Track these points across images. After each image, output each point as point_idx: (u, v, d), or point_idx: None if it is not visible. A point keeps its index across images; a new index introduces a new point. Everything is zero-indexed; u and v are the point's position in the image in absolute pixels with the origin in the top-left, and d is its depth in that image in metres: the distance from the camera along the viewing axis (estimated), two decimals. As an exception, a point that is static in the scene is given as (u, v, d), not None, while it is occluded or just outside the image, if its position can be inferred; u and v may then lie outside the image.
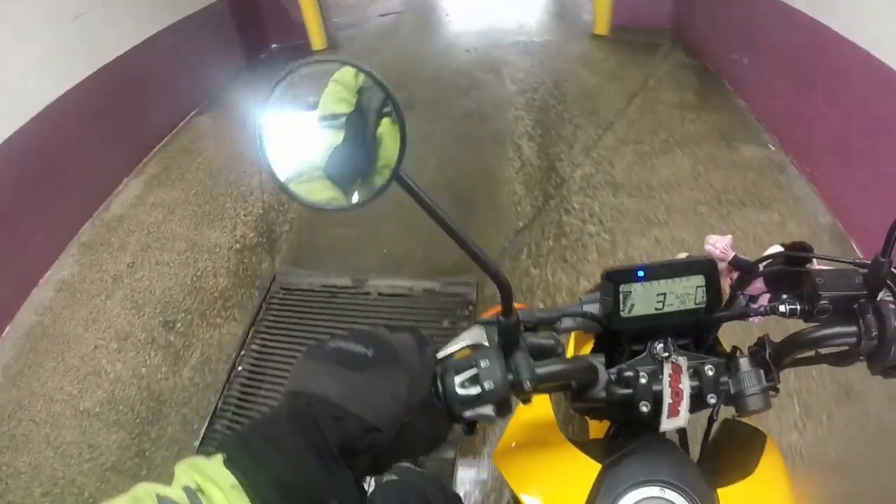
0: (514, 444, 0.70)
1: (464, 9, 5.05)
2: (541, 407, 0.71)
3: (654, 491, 0.56)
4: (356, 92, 0.50)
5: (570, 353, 0.78)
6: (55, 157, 2.75)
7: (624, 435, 0.67)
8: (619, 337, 0.63)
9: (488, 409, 0.50)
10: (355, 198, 0.49)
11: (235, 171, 3.20)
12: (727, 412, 0.62)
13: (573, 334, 0.77)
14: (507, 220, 2.47)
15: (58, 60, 2.77)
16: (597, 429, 0.82)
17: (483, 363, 0.50)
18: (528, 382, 0.50)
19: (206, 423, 1.93)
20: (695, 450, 0.72)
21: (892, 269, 0.52)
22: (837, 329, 0.54)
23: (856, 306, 0.53)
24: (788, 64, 2.60)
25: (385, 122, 0.50)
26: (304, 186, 0.47)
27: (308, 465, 0.39)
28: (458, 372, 0.50)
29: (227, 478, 0.37)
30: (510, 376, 0.51)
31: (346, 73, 0.49)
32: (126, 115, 3.31)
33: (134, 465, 1.83)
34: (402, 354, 0.47)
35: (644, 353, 0.62)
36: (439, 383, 0.50)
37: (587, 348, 0.71)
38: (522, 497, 0.61)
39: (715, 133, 2.88)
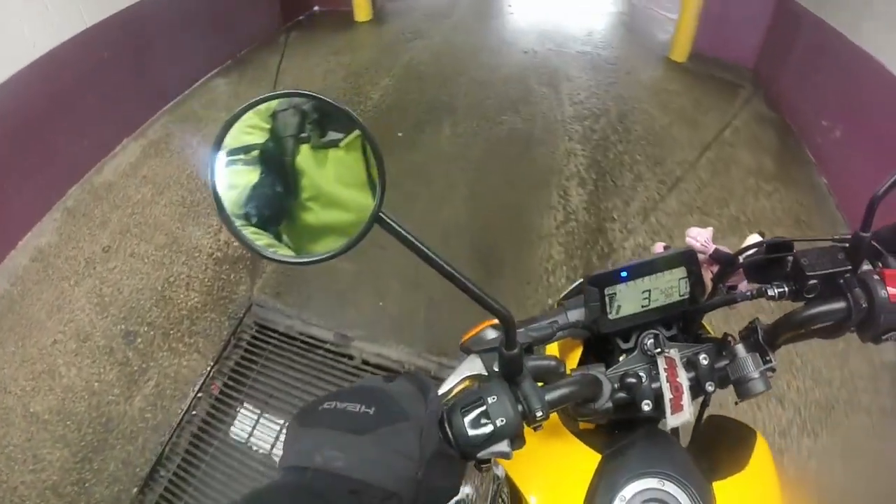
0: None
1: (530, 2, 4.50)
2: None
3: (653, 483, 0.56)
4: (269, 117, 0.44)
5: (551, 352, 0.74)
6: (51, 110, 2.49)
7: (621, 424, 0.66)
8: (608, 337, 0.64)
9: (504, 446, 0.47)
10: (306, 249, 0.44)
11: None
12: (714, 409, 0.67)
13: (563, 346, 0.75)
14: (531, 294, 2.04)
15: (60, 5, 2.45)
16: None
17: (490, 399, 0.47)
18: (540, 412, 0.48)
19: (149, 469, 1.71)
20: (684, 441, 0.71)
21: (873, 243, 0.55)
22: (828, 306, 0.54)
23: (842, 281, 0.54)
24: (890, 152, 2.13)
25: (304, 148, 0.45)
26: (248, 230, 0.42)
27: None
28: (465, 411, 0.47)
29: None
30: (520, 407, 0.48)
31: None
32: (133, 70, 2.97)
33: (73, 492, 1.67)
34: (406, 406, 0.43)
35: (635, 351, 0.63)
36: (447, 426, 0.47)
37: (576, 352, 0.70)
38: (521, 487, 0.60)
39: (789, 218, 2.43)
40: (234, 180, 0.43)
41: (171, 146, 2.92)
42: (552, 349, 0.75)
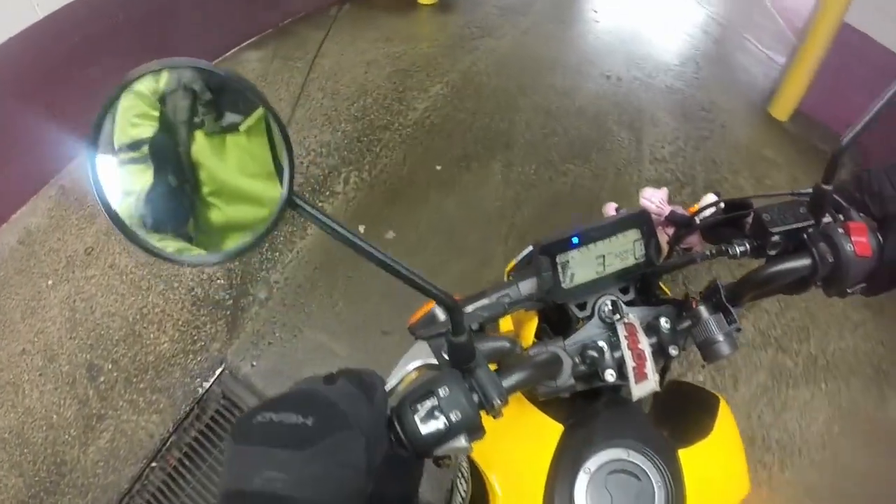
0: None
1: (619, 11, 3.89)
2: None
3: (618, 453, 0.55)
4: (157, 101, 0.38)
5: (505, 326, 0.72)
6: (55, 76, 2.23)
7: (583, 392, 0.64)
8: (563, 307, 0.61)
9: (461, 441, 0.44)
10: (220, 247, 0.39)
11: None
12: (673, 375, 0.68)
13: (521, 319, 0.71)
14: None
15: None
16: None
17: (442, 391, 0.44)
18: (497, 400, 0.46)
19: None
20: (645, 408, 0.69)
21: (834, 197, 0.53)
22: (793, 262, 0.53)
23: (805, 236, 0.53)
24: None
25: (198, 136, 0.40)
26: (154, 238, 0.38)
27: None
28: (416, 407, 0.44)
29: None
30: (476, 397, 0.46)
31: (147, 80, 0.37)
32: (151, 35, 2.61)
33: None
34: (348, 411, 0.38)
35: (593, 318, 0.61)
36: (397, 425, 0.44)
37: (531, 324, 0.67)
38: (482, 464, 0.59)
39: (869, 366, 2.01)
40: (126, 185, 0.38)
41: (186, 130, 2.61)
42: (505, 322, 0.72)
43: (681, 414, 0.68)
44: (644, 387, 0.54)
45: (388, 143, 2.54)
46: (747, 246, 0.56)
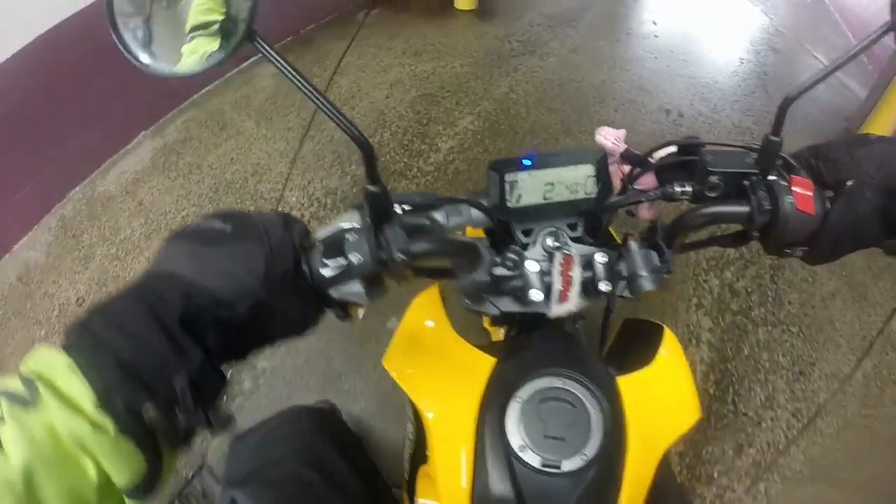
0: (405, 347, 0.67)
1: (679, 22, 3.40)
2: (432, 306, 0.68)
3: (551, 381, 0.56)
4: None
5: None
6: (55, 94, 2.10)
7: (521, 333, 0.68)
8: (510, 230, 0.62)
9: (356, 286, 0.46)
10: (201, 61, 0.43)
11: (265, 183, 2.26)
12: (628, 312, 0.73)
13: (467, 232, 0.71)
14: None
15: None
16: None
17: (350, 236, 0.47)
18: (397, 254, 0.47)
19: None
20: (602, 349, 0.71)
21: (782, 154, 0.52)
22: (729, 206, 0.53)
23: (747, 183, 0.52)
24: None
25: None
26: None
27: (150, 340, 0.36)
28: (324, 248, 0.46)
29: (64, 362, 0.35)
30: (382, 253, 0.47)
31: None
32: None
33: None
34: (264, 230, 0.44)
35: (536, 246, 0.61)
36: (302, 255, 0.46)
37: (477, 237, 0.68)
38: (415, 398, 0.60)
39: None
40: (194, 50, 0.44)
41: (185, 156, 2.38)
42: None
43: (631, 348, 0.69)
44: (563, 307, 0.54)
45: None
46: (688, 188, 0.55)
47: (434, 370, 0.62)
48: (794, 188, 0.51)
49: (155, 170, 2.33)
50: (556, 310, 0.55)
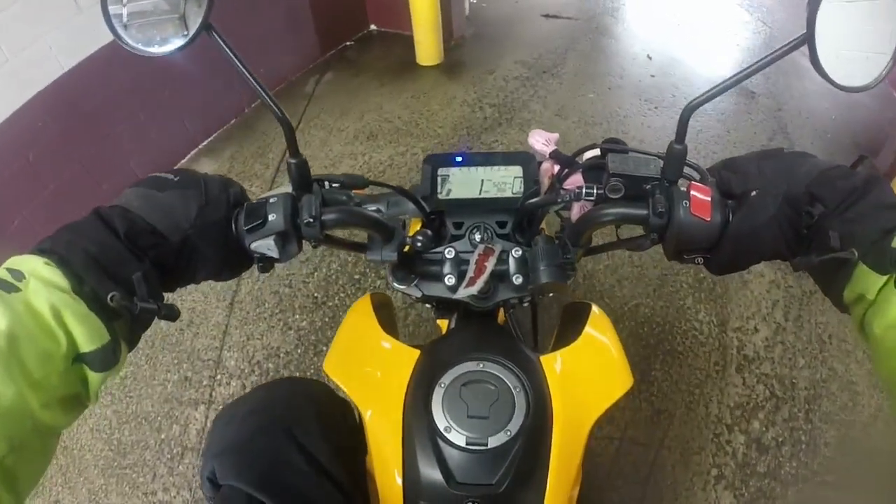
0: (342, 352, 0.70)
1: (678, 52, 2.91)
2: (363, 313, 0.71)
3: (471, 366, 0.58)
4: None
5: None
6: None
7: (454, 327, 0.72)
8: (443, 222, 0.66)
9: (269, 241, 0.52)
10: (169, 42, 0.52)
11: (202, 338, 1.86)
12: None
13: (411, 224, 0.75)
14: None
15: None
16: None
17: (273, 199, 0.53)
18: (309, 218, 0.53)
19: None
20: (549, 340, 0.74)
21: (687, 161, 0.53)
22: (627, 207, 0.55)
23: (647, 186, 0.54)
24: None
25: None
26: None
27: (111, 244, 0.45)
28: (249, 203, 0.54)
29: (40, 261, 0.42)
30: (296, 218, 0.53)
31: None
32: (77, 160, 2.01)
33: None
34: (206, 185, 0.52)
35: (463, 238, 0.65)
36: (233, 221, 0.53)
37: (413, 226, 0.71)
38: (353, 397, 0.62)
39: None
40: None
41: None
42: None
43: (566, 330, 0.71)
44: (468, 290, 0.58)
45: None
46: (595, 190, 0.56)
47: (367, 369, 0.65)
48: (691, 192, 0.51)
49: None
50: (462, 292, 0.58)
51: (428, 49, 2.71)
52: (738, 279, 1.98)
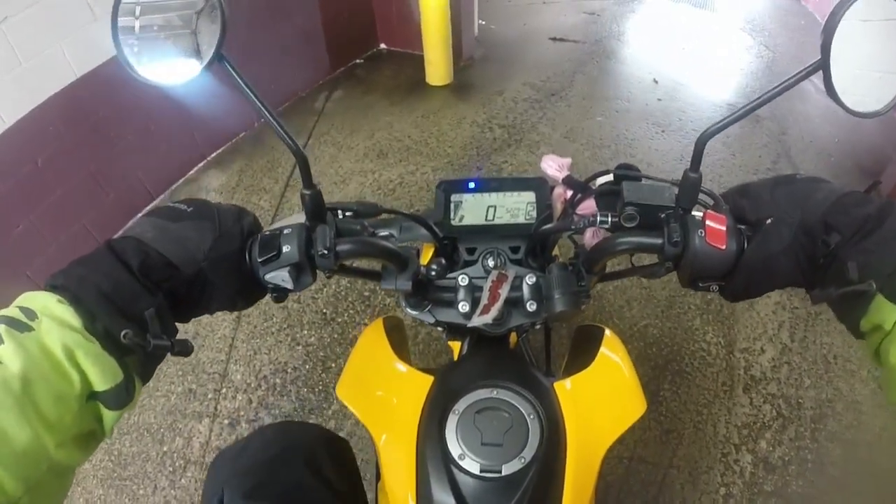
0: (354, 377, 0.70)
1: (684, 76, 2.95)
2: (376, 338, 0.71)
3: (485, 392, 0.58)
4: None
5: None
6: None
7: (466, 352, 0.72)
8: (456, 247, 0.67)
9: (284, 273, 0.52)
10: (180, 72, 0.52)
11: (207, 351, 1.85)
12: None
13: (424, 249, 0.78)
14: None
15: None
16: None
17: (287, 230, 0.53)
18: (323, 250, 0.53)
19: None
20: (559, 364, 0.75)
21: (702, 189, 0.53)
22: (643, 236, 0.54)
23: (662, 216, 0.54)
24: None
25: None
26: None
27: (124, 280, 0.44)
28: (263, 234, 0.54)
29: (52, 298, 0.41)
30: (310, 248, 0.53)
31: None
32: (81, 173, 2.02)
33: None
34: (217, 215, 0.53)
35: (476, 264, 0.66)
36: (247, 251, 0.53)
37: (426, 253, 0.74)
38: (366, 422, 0.62)
39: None
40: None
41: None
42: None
43: (578, 354, 0.71)
44: (482, 319, 0.57)
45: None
46: (610, 219, 0.56)
47: (381, 394, 0.65)
48: (706, 222, 0.51)
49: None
50: (476, 320, 0.57)
51: (438, 69, 2.75)
52: (745, 301, 1.98)
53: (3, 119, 1.76)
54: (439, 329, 0.75)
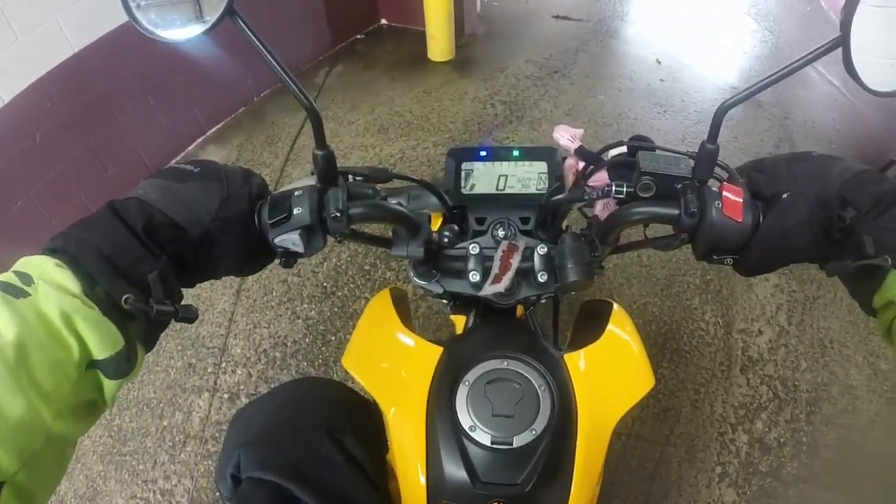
0: (361, 347, 0.70)
1: (687, 58, 2.93)
2: (383, 308, 0.70)
3: (495, 363, 0.58)
4: None
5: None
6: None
7: (474, 323, 0.71)
8: (465, 217, 0.65)
9: (294, 235, 0.51)
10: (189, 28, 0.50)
11: (207, 325, 1.84)
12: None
13: (432, 218, 0.72)
14: None
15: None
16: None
17: (297, 192, 0.51)
18: (335, 212, 0.51)
19: None
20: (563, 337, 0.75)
21: (719, 162, 0.52)
22: (658, 206, 0.54)
23: (678, 186, 0.53)
24: None
25: None
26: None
27: (125, 242, 0.42)
28: (273, 197, 0.52)
29: (50, 262, 0.39)
30: (322, 211, 0.52)
31: None
32: (77, 144, 1.99)
33: None
34: (225, 175, 0.50)
35: (486, 234, 0.64)
36: (256, 214, 0.52)
37: (435, 222, 0.71)
38: (373, 393, 0.62)
39: None
40: None
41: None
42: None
43: (586, 328, 0.70)
44: (493, 288, 0.56)
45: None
46: (624, 188, 0.54)
47: (388, 365, 0.64)
48: (724, 193, 0.51)
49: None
50: (487, 289, 0.56)
51: (440, 45, 2.71)
52: (744, 282, 1.99)
53: (1, 96, 1.72)
54: (444, 302, 0.73)
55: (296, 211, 0.50)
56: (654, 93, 2.68)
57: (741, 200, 0.51)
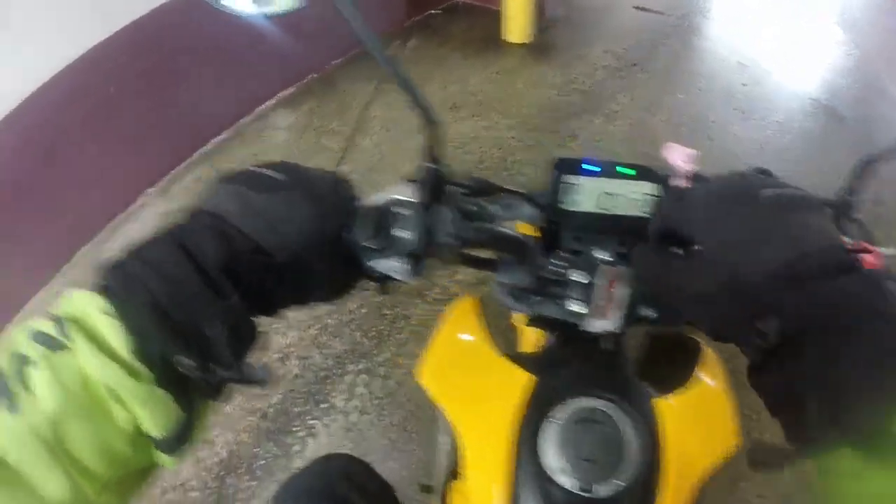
0: (439, 360, 0.66)
1: (771, 64, 2.81)
2: (469, 318, 0.67)
3: (587, 402, 0.55)
4: None
5: None
6: (51, 155, 1.84)
7: (559, 347, 0.67)
8: (559, 236, 0.61)
9: (395, 262, 0.44)
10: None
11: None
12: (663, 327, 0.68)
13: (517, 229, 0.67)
14: None
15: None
16: (528, 344, 0.83)
17: (400, 211, 0.44)
18: (444, 237, 0.45)
19: None
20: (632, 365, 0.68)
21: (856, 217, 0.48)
22: None
23: None
24: None
25: None
26: None
27: (187, 284, 0.34)
28: (372, 220, 0.43)
29: (99, 304, 0.32)
30: (430, 234, 0.45)
31: None
32: (156, 98, 2.04)
33: None
34: (317, 185, 0.42)
35: (581, 257, 0.59)
36: (349, 232, 0.44)
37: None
38: (448, 413, 0.60)
39: None
40: None
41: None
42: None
43: (665, 366, 0.68)
44: (601, 324, 0.53)
45: (421, 322, 1.77)
46: None
47: (470, 386, 0.61)
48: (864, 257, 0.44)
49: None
50: (594, 325, 0.53)
51: (518, 26, 2.66)
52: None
53: (81, 45, 1.76)
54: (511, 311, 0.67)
55: (400, 234, 0.43)
56: (735, 96, 2.59)
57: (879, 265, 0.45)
